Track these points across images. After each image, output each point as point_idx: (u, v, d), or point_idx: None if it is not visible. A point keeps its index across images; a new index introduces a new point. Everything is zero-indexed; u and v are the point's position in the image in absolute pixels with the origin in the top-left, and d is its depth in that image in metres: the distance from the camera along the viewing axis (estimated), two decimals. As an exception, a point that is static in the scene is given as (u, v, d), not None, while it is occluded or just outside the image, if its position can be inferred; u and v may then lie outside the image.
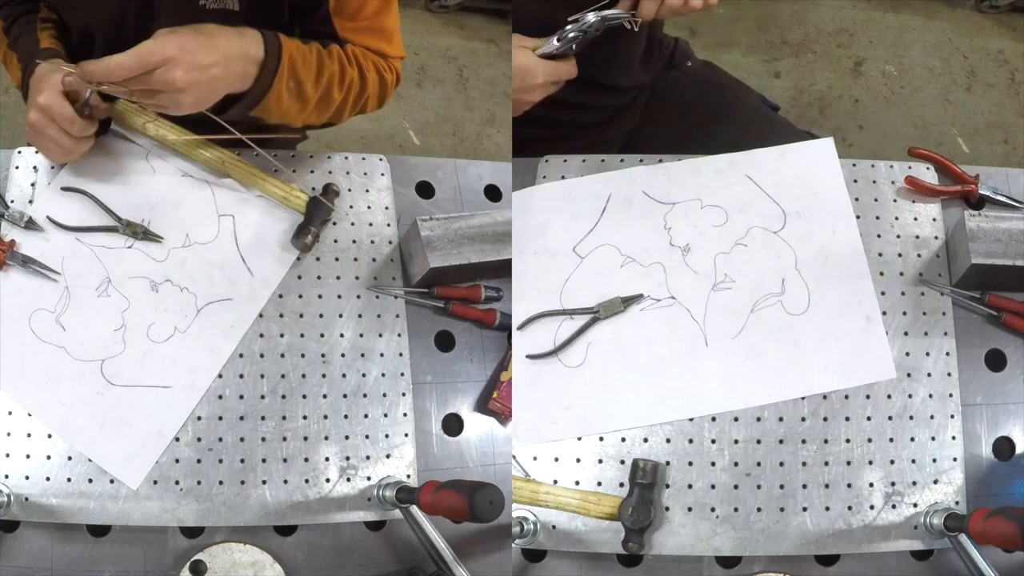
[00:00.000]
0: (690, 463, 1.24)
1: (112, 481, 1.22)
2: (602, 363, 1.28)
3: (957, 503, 1.23)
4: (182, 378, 1.28)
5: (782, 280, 1.31)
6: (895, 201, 1.36)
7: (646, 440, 1.25)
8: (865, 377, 1.27)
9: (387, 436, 1.32)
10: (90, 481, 1.21)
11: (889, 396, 1.26)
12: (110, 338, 1.27)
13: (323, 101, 1.30)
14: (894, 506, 1.23)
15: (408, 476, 1.32)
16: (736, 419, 1.26)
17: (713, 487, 1.23)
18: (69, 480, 1.21)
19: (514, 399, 1.28)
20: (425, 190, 1.49)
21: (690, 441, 1.25)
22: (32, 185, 1.32)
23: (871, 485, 1.23)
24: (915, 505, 1.23)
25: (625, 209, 1.36)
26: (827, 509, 1.22)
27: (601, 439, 1.26)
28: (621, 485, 1.23)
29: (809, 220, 1.34)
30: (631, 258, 1.33)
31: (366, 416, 1.32)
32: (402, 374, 1.35)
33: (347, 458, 1.30)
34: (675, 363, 1.28)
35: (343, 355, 1.34)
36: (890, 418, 1.26)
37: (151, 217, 1.33)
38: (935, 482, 1.24)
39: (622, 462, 1.24)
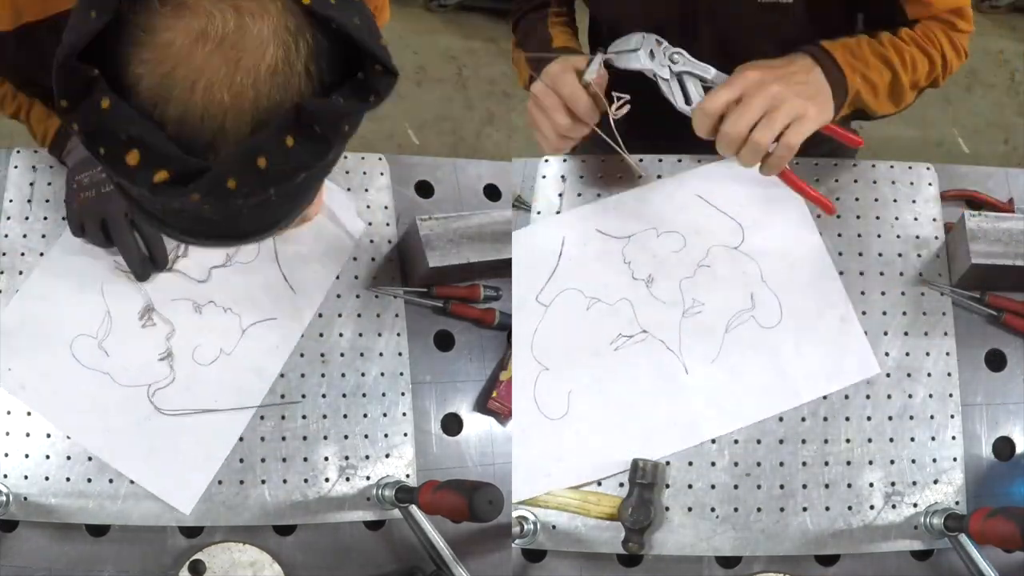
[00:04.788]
0: (690, 463, 1.24)
1: (111, 480, 1.21)
2: (585, 410, 1.26)
3: (957, 503, 1.23)
4: (229, 400, 1.26)
5: (751, 295, 1.29)
6: (895, 201, 1.36)
7: (646, 440, 1.25)
8: (851, 377, 1.26)
9: (386, 436, 1.32)
10: (89, 481, 1.21)
11: (889, 396, 1.26)
12: (156, 364, 1.26)
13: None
14: (894, 506, 1.22)
15: (407, 476, 1.31)
16: (736, 419, 1.25)
17: (713, 487, 1.23)
18: (68, 480, 1.20)
19: (513, 457, 1.25)
20: (424, 190, 1.49)
21: (690, 441, 1.25)
22: (31, 184, 1.32)
23: (871, 485, 1.23)
24: (915, 505, 1.22)
25: (581, 250, 1.33)
26: (827, 509, 1.22)
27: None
28: (621, 485, 1.23)
29: (767, 230, 1.32)
30: (596, 299, 1.30)
31: (365, 416, 1.32)
32: (401, 374, 1.35)
33: (346, 458, 1.30)
34: (659, 397, 1.26)
35: (342, 355, 1.34)
36: (890, 418, 1.25)
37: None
38: (935, 482, 1.23)
39: (622, 462, 1.24)
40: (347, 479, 1.29)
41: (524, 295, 1.32)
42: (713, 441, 1.25)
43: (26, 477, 1.20)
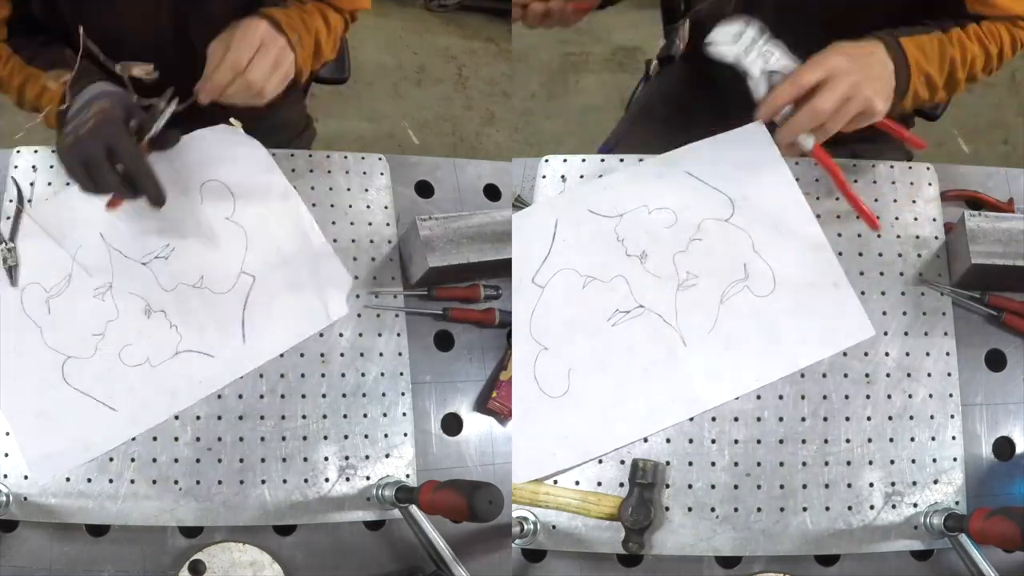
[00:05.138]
0: (690, 463, 1.24)
1: (111, 480, 1.21)
2: (586, 387, 1.27)
3: (957, 503, 1.23)
4: (131, 408, 1.25)
5: (744, 265, 1.30)
6: (895, 201, 1.36)
7: (646, 440, 1.25)
8: (846, 340, 1.27)
9: (386, 436, 1.32)
10: (89, 481, 1.21)
11: (889, 396, 1.26)
12: (85, 340, 1.26)
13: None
14: (894, 506, 1.22)
15: (407, 476, 1.31)
16: (736, 419, 1.25)
17: (713, 487, 1.23)
18: (68, 480, 1.20)
19: (513, 437, 1.26)
20: (424, 190, 1.49)
21: (690, 441, 1.25)
22: (31, 185, 1.32)
23: (871, 485, 1.23)
24: (915, 505, 1.23)
25: (575, 231, 1.34)
26: (827, 509, 1.22)
27: (601, 439, 1.25)
28: (621, 485, 1.23)
29: (757, 201, 1.33)
30: (591, 277, 1.31)
31: (365, 416, 1.32)
32: (401, 373, 1.35)
33: (346, 458, 1.30)
34: (658, 370, 1.27)
35: (342, 354, 1.34)
36: (890, 418, 1.26)
37: (177, 246, 1.32)
38: (935, 482, 1.23)
39: (622, 462, 1.24)
40: (347, 479, 1.29)
41: (520, 277, 1.33)
42: (713, 441, 1.25)
43: (26, 477, 1.20)
